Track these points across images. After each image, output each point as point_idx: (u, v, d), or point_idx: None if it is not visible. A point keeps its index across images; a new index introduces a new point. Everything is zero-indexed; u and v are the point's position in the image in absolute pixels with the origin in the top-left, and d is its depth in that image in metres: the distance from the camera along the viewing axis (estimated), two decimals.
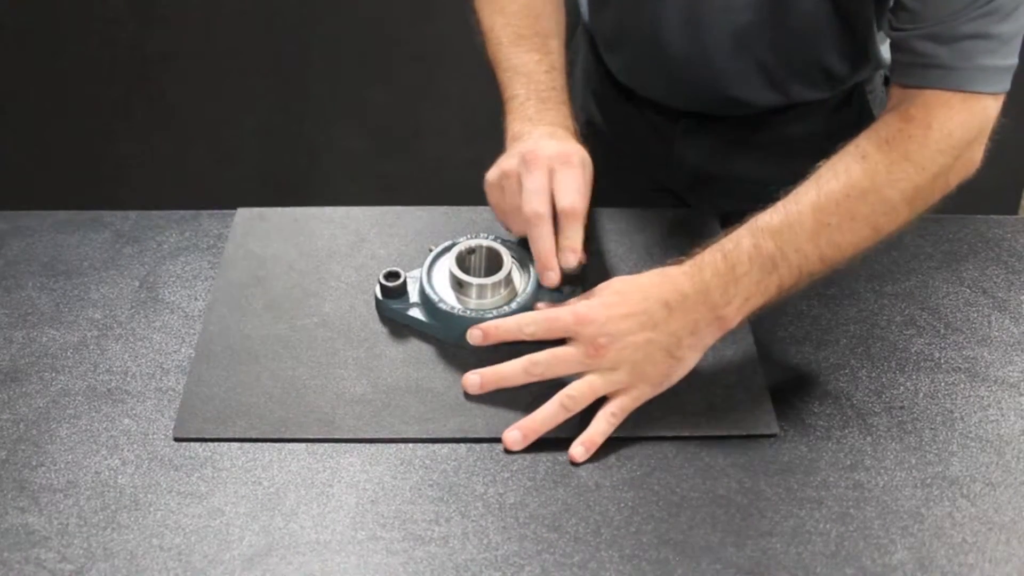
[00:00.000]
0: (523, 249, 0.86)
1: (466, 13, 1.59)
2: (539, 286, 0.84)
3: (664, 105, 1.05)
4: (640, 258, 0.92)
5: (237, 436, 0.75)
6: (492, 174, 0.84)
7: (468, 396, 0.78)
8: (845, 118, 1.00)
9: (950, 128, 0.77)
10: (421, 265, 0.86)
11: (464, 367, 0.80)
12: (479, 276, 0.84)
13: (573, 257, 0.80)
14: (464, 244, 0.85)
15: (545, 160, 0.80)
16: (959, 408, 0.79)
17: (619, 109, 1.10)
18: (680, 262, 0.78)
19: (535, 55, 0.92)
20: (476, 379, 0.77)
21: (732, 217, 0.81)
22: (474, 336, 0.79)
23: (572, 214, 0.80)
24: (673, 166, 1.09)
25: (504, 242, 0.86)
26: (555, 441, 0.75)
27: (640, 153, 1.12)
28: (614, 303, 0.76)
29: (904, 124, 0.78)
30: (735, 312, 0.76)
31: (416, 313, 0.84)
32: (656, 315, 0.75)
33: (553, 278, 0.80)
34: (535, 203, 0.79)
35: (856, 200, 0.76)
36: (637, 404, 0.76)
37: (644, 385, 0.75)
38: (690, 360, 0.77)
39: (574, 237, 0.80)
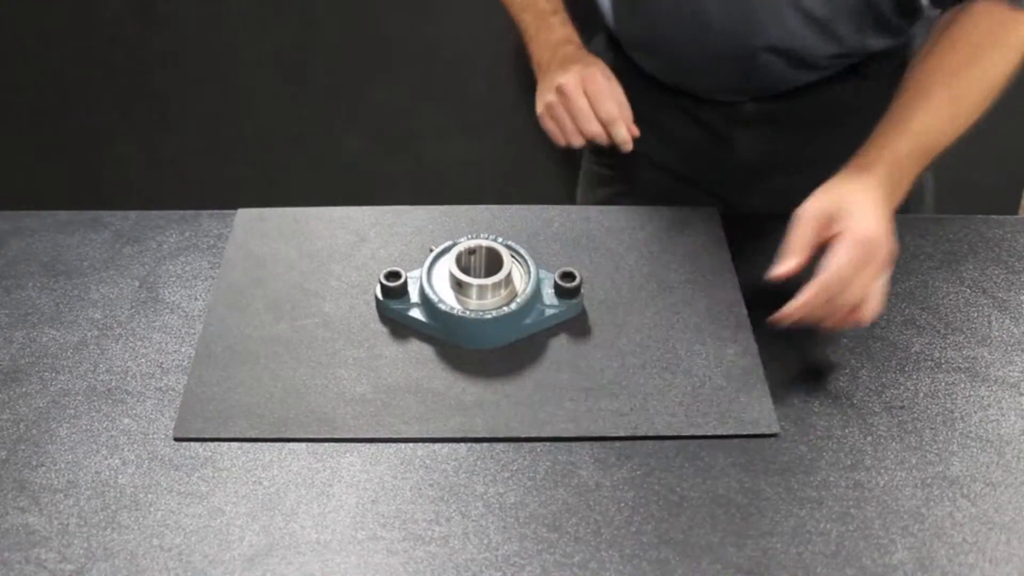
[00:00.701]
0: (523, 249, 0.86)
1: (466, 12, 1.58)
2: (539, 287, 0.84)
3: (716, 100, 1.05)
4: (640, 257, 0.92)
5: (237, 436, 0.75)
6: (540, 108, 0.97)
7: (468, 396, 0.78)
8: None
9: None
10: (421, 265, 0.86)
11: (464, 367, 0.80)
12: (479, 276, 0.84)
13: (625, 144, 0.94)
14: (464, 244, 0.85)
15: (577, 86, 0.94)
16: (959, 408, 0.79)
17: (663, 116, 1.10)
18: (859, 168, 0.81)
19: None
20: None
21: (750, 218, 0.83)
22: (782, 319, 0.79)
23: (611, 122, 0.94)
24: (731, 165, 1.09)
25: (504, 242, 0.86)
26: (555, 441, 0.75)
27: (689, 159, 1.11)
28: (867, 213, 0.78)
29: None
30: (904, 190, 0.83)
31: (416, 313, 0.84)
32: (884, 206, 0.79)
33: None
34: (586, 126, 0.94)
35: (966, 69, 0.84)
36: None
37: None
38: None
39: (619, 136, 0.94)
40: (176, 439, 0.75)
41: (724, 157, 1.09)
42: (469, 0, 1.65)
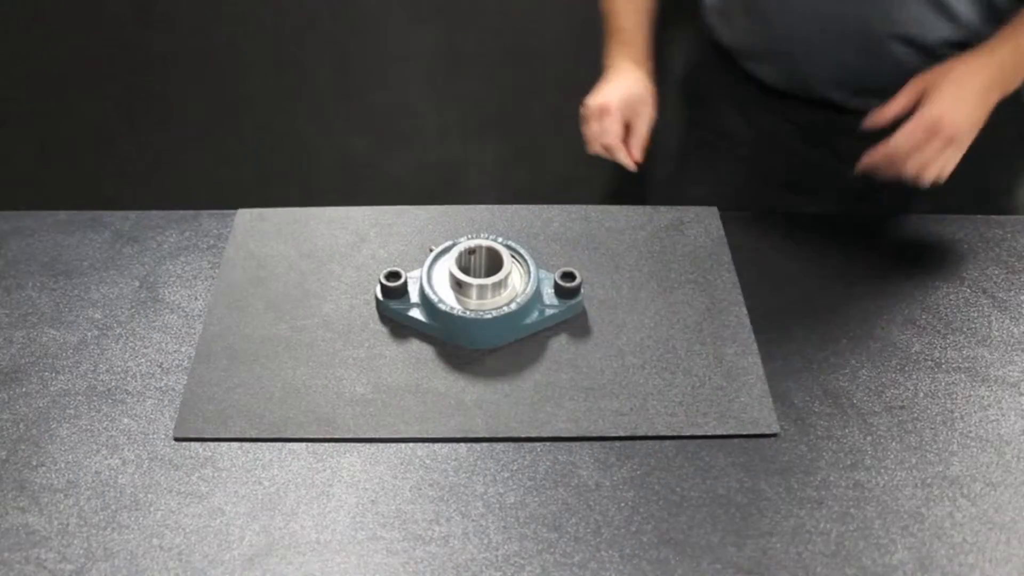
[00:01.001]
0: (523, 249, 0.86)
1: (467, 12, 1.59)
2: (539, 286, 0.84)
3: (825, 101, 1.06)
4: (640, 257, 0.92)
5: (237, 436, 0.75)
6: (585, 113, 1.07)
7: (468, 396, 0.78)
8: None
9: None
10: (421, 265, 0.86)
11: (464, 367, 0.80)
12: (479, 276, 0.84)
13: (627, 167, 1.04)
14: (464, 244, 0.85)
15: (594, 111, 1.05)
16: (959, 408, 0.79)
17: (768, 124, 1.12)
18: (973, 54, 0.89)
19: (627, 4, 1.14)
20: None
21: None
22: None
23: (608, 149, 1.04)
24: (836, 174, 1.09)
25: (504, 242, 0.86)
26: (555, 441, 0.75)
27: (794, 167, 1.13)
28: (954, 97, 0.87)
29: None
30: (1014, 82, 0.91)
31: (416, 313, 0.84)
32: (980, 95, 0.88)
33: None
34: (608, 140, 1.04)
35: None
36: None
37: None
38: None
39: (619, 160, 1.04)
40: (176, 439, 0.75)
41: (829, 166, 1.10)
42: (469, 0, 1.65)
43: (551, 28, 1.66)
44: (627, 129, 1.08)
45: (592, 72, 1.50)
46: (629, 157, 1.06)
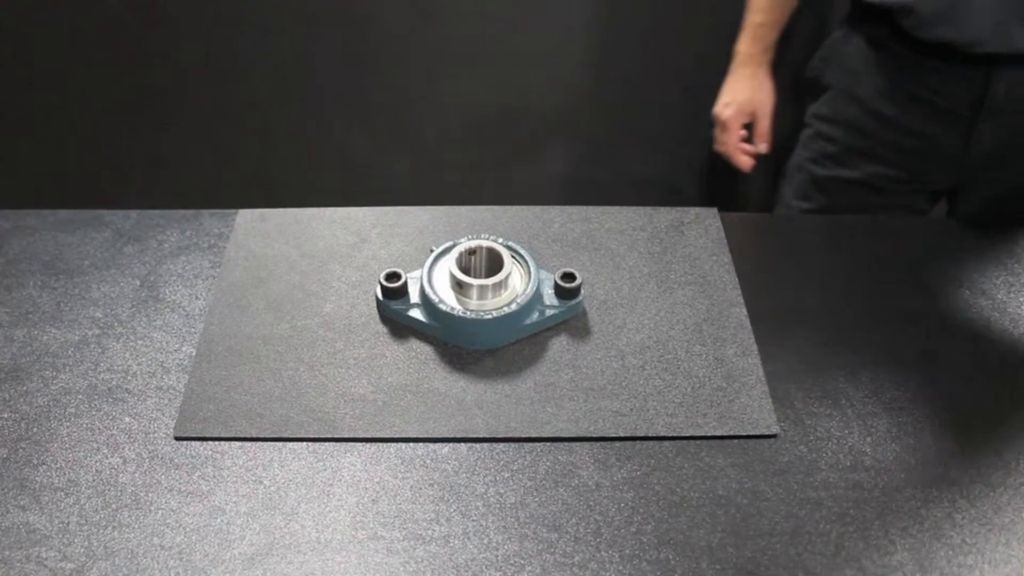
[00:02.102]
0: (523, 250, 0.86)
1: (467, 12, 1.59)
2: (540, 287, 0.84)
3: (979, 53, 1.04)
4: (640, 257, 0.92)
5: (238, 435, 0.75)
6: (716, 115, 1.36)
7: (468, 396, 0.78)
8: None
9: None
10: (422, 266, 0.86)
11: (464, 367, 0.81)
12: (479, 277, 0.84)
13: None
14: (464, 245, 0.86)
15: (719, 119, 1.35)
16: (959, 409, 0.79)
17: (902, 112, 1.13)
18: None
19: (755, 16, 1.30)
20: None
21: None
22: None
23: (727, 155, 1.36)
24: (969, 160, 1.10)
25: (504, 243, 0.86)
26: (555, 441, 0.75)
27: (919, 162, 1.15)
28: None
29: None
30: None
31: (417, 314, 0.84)
32: None
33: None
34: (723, 149, 1.37)
35: None
36: None
37: None
38: None
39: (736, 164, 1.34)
40: (177, 438, 0.75)
41: (962, 150, 1.10)
42: (469, 0, 1.65)
43: (551, 28, 1.66)
44: (751, 127, 1.34)
45: (592, 72, 1.50)
46: (743, 161, 1.35)
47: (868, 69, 1.15)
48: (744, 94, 1.33)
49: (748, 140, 1.35)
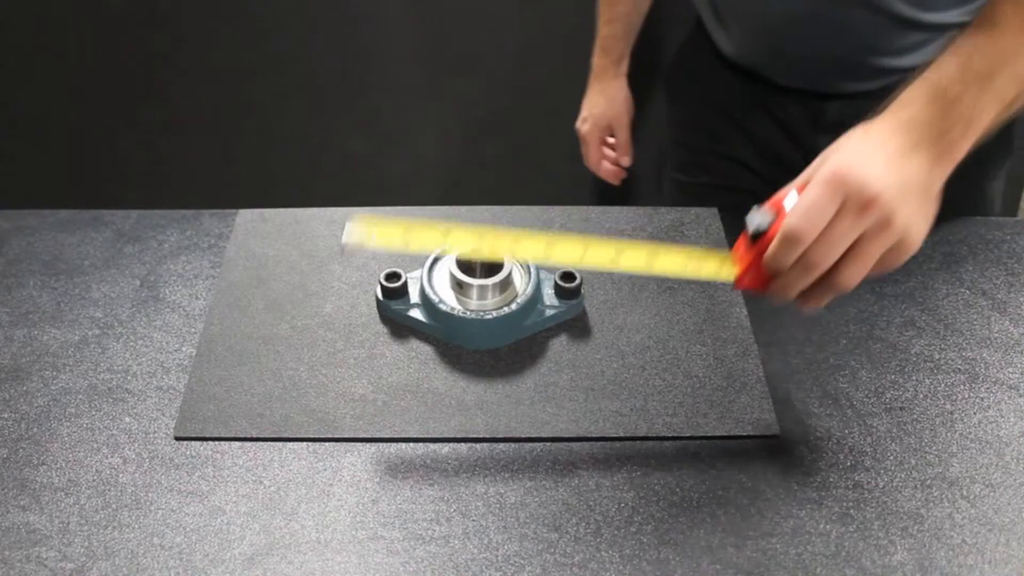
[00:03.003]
0: None
1: (467, 12, 1.59)
2: (540, 287, 0.84)
3: (800, 91, 1.05)
4: None
5: (238, 435, 0.75)
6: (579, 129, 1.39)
7: (468, 396, 0.78)
8: None
9: None
10: (422, 266, 0.86)
11: (464, 367, 0.81)
12: (480, 277, 0.84)
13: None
14: None
15: (591, 136, 1.38)
16: (959, 409, 0.79)
17: (747, 119, 1.12)
18: (880, 111, 0.70)
19: (602, 29, 1.30)
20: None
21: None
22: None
23: (593, 170, 1.40)
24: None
25: None
26: (555, 441, 0.75)
27: (773, 163, 1.14)
28: (857, 157, 0.65)
29: None
30: (960, 137, 0.67)
31: (417, 314, 0.84)
32: (901, 155, 0.65)
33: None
34: (588, 165, 1.41)
35: None
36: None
37: (918, 236, 0.65)
38: (938, 199, 0.67)
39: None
40: (177, 438, 0.75)
41: (806, 162, 1.10)
42: (469, 0, 1.65)
43: (551, 28, 1.66)
44: (610, 142, 1.36)
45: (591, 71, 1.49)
46: (608, 175, 1.38)
47: (716, 74, 1.14)
48: (598, 108, 1.34)
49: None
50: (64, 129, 1.81)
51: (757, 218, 0.66)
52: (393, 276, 0.84)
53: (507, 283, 0.83)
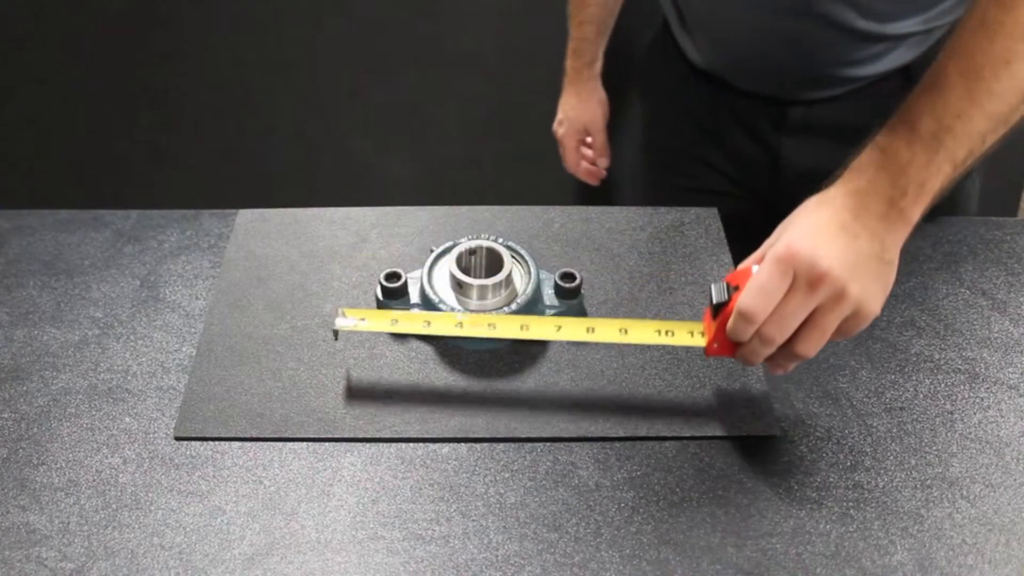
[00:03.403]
0: (523, 250, 0.86)
1: (466, 12, 1.59)
2: (540, 287, 0.84)
3: (764, 96, 1.06)
4: (640, 257, 0.92)
5: (238, 435, 0.75)
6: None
7: (468, 396, 0.78)
8: None
9: None
10: (422, 266, 0.86)
11: (464, 367, 0.81)
12: (479, 277, 0.84)
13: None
14: (465, 245, 0.86)
15: (568, 139, 1.38)
16: (959, 409, 0.79)
17: (715, 123, 1.12)
18: (833, 179, 0.70)
19: (573, 31, 1.30)
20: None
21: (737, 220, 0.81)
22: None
23: (572, 172, 1.39)
24: (779, 173, 1.10)
25: (505, 243, 0.86)
26: (555, 441, 0.75)
27: (740, 166, 1.14)
28: (806, 233, 0.67)
29: None
30: (913, 201, 0.68)
31: None
32: (850, 227, 0.67)
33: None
34: (568, 163, 1.41)
35: (1003, 40, 0.68)
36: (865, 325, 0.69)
37: (874, 304, 0.68)
38: (896, 262, 0.70)
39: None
40: (177, 438, 0.75)
41: (772, 165, 1.10)
42: (469, 0, 1.65)
43: (551, 28, 1.66)
44: (587, 142, 1.36)
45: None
46: (590, 176, 1.39)
47: (683, 79, 1.13)
48: (574, 111, 1.35)
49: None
50: (64, 129, 1.81)
51: (715, 293, 0.71)
52: (393, 276, 0.84)
53: (507, 283, 0.83)
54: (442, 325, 0.78)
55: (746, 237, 0.94)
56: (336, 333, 0.78)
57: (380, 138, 1.83)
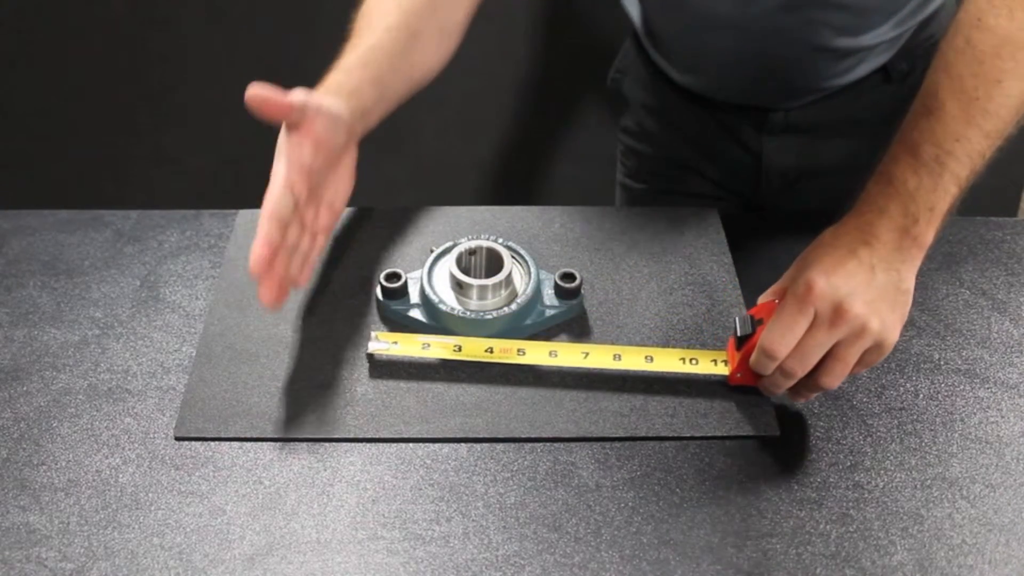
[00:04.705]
0: (523, 250, 0.86)
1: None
2: (540, 287, 0.84)
3: (745, 106, 1.06)
4: (640, 257, 0.92)
5: (238, 435, 0.75)
6: None
7: (468, 396, 0.78)
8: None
9: None
10: (422, 266, 0.86)
11: (464, 367, 0.81)
12: (479, 277, 0.84)
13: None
14: (464, 245, 0.86)
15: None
16: (959, 409, 0.79)
17: (695, 126, 1.12)
18: (845, 212, 0.73)
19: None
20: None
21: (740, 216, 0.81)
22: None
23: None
24: (763, 174, 1.11)
25: (505, 243, 0.86)
26: (555, 441, 0.75)
27: (722, 167, 1.14)
28: (825, 270, 0.69)
29: None
30: (925, 226, 0.70)
31: (416, 314, 0.84)
32: (867, 261, 0.70)
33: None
34: None
35: (991, 60, 0.71)
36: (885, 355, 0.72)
37: (893, 334, 0.71)
38: (911, 290, 0.72)
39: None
40: (177, 438, 0.75)
41: (755, 166, 1.10)
42: None
43: (551, 28, 1.66)
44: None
45: (592, 72, 1.50)
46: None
47: (660, 85, 1.13)
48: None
49: None
50: (64, 129, 1.81)
51: (740, 326, 0.75)
52: (393, 276, 0.84)
53: (507, 283, 0.83)
54: (472, 350, 0.79)
55: (733, 238, 0.94)
56: (370, 356, 0.80)
57: (380, 138, 1.83)
